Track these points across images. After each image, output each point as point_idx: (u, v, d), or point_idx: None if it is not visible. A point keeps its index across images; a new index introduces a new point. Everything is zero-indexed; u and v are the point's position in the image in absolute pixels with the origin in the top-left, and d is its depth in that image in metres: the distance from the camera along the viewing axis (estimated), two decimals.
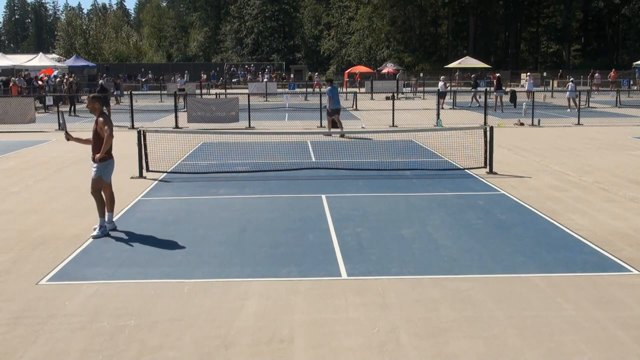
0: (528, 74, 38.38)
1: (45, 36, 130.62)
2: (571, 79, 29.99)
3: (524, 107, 25.07)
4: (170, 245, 7.72)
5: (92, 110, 8.23)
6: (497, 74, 34.42)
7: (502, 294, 6.03)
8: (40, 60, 45.22)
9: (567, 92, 28.78)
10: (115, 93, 37.76)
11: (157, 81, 55.96)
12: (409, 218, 8.98)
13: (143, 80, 59.36)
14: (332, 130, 19.07)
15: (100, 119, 8.07)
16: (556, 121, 23.70)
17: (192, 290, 6.19)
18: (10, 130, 21.10)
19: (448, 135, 16.37)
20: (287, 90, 44.55)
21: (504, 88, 30.75)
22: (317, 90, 41.69)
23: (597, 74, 45.04)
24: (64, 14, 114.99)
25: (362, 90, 44.60)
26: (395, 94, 30.25)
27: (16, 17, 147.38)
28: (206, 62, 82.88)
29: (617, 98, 32.04)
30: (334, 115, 19.33)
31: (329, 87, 19.81)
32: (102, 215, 8.22)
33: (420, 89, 44.70)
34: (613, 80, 44.30)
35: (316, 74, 54.17)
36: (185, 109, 23.53)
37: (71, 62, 50.67)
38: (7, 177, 12.71)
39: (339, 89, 22.92)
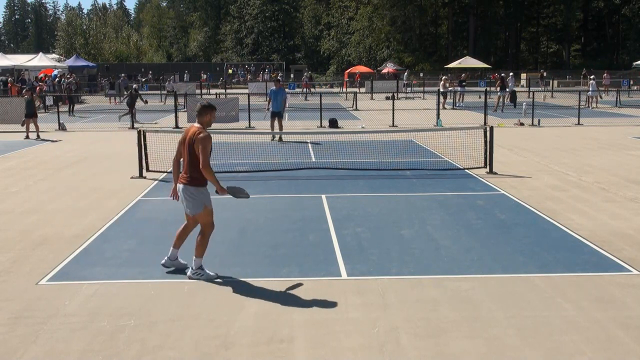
0: (511, 73, 38.24)
1: (45, 36, 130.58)
2: (592, 76, 29.79)
3: (524, 107, 25.07)
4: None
5: (207, 124, 6.61)
6: (502, 74, 34.35)
7: (502, 294, 6.03)
8: (40, 60, 45.18)
9: (590, 92, 28.68)
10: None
11: (157, 81, 55.99)
12: (409, 218, 8.98)
13: (143, 80, 59.32)
14: (281, 131, 17.70)
15: (200, 135, 6.46)
16: (556, 121, 23.70)
17: (192, 290, 6.19)
18: (10, 130, 21.10)
19: (448, 135, 16.36)
20: (287, 90, 44.47)
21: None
22: (304, 91, 41.72)
23: (605, 74, 43.53)
24: (64, 14, 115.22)
25: (362, 90, 44.59)
26: (396, 94, 30.22)
27: (16, 17, 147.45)
28: (206, 62, 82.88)
29: (617, 98, 32.02)
30: (274, 118, 18.00)
31: (272, 88, 18.42)
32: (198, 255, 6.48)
33: (420, 89, 44.69)
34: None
35: (305, 74, 53.36)
36: (185, 109, 23.54)
37: (71, 62, 50.66)
38: (7, 177, 12.70)
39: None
